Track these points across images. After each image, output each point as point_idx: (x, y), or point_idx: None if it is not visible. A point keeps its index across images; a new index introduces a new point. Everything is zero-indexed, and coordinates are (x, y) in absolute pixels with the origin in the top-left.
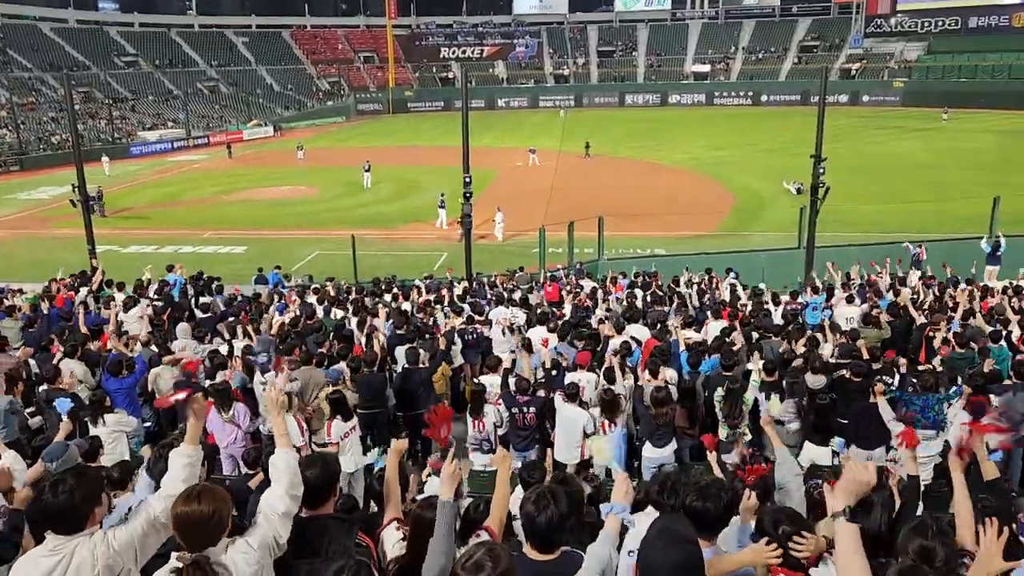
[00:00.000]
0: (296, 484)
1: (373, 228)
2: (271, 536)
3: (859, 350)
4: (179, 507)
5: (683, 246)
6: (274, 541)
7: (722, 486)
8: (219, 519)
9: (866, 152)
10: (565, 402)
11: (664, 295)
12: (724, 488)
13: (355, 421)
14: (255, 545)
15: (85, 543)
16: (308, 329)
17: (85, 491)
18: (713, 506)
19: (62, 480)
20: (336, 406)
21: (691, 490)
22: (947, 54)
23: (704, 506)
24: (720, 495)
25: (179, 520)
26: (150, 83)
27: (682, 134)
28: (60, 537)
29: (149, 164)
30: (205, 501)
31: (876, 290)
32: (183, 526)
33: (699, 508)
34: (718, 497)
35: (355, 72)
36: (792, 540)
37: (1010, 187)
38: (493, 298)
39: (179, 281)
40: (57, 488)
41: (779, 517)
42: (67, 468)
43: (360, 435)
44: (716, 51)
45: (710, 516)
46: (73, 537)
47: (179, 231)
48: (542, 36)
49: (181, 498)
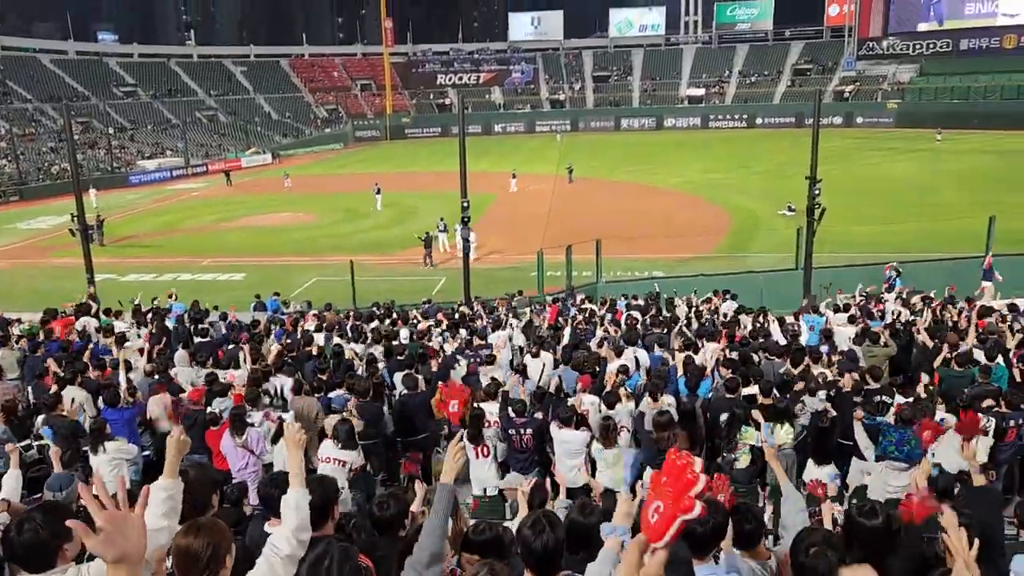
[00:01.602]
0: (305, 527)
1: (371, 254)
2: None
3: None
4: (179, 539)
5: (681, 268)
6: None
7: (714, 506)
8: (216, 555)
9: (861, 174)
10: (560, 428)
11: (665, 318)
12: (716, 508)
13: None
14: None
15: None
16: (305, 355)
17: (53, 528)
18: (701, 528)
19: (29, 518)
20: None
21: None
22: (939, 76)
23: (692, 527)
24: (709, 516)
25: (177, 553)
26: (149, 112)
27: (678, 157)
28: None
29: (148, 193)
30: (205, 535)
31: (869, 312)
32: (180, 559)
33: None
34: (706, 519)
35: (352, 99)
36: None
37: (1005, 206)
38: (491, 323)
39: (177, 308)
40: (23, 526)
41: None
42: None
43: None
44: (710, 75)
45: (702, 535)
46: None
47: (178, 259)
48: (538, 62)
49: (182, 530)
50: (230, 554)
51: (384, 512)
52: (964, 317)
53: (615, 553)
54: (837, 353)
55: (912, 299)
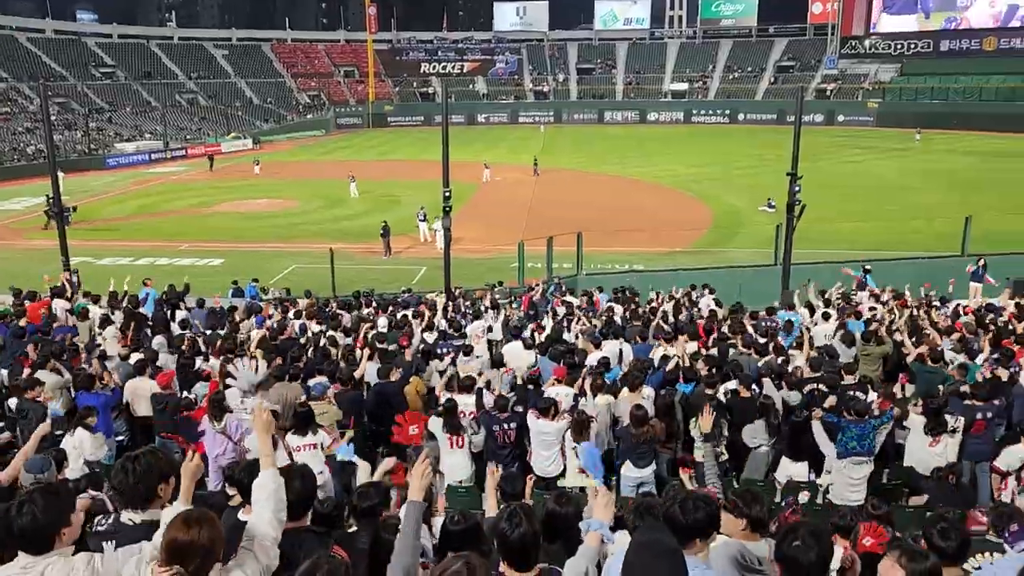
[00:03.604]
0: (282, 508)
1: (352, 242)
2: (265, 564)
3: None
4: (175, 532)
5: (661, 262)
6: (267, 569)
7: (706, 499)
8: (214, 547)
9: (842, 171)
10: (538, 419)
11: (644, 312)
12: (708, 501)
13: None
14: (250, 573)
15: (58, 564)
16: (286, 343)
17: (52, 511)
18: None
19: (30, 499)
20: (300, 419)
21: (674, 502)
22: (920, 76)
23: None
24: (703, 506)
25: (173, 545)
26: (128, 94)
27: (661, 151)
28: (30, 557)
29: (126, 176)
30: (204, 528)
31: (853, 310)
32: (177, 552)
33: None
34: (698, 508)
35: (335, 86)
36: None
37: (982, 206)
38: (471, 313)
39: (152, 295)
40: (23, 507)
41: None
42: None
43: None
44: (694, 70)
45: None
46: (43, 557)
47: (156, 243)
48: (522, 53)
49: (178, 522)
50: (223, 547)
51: (365, 502)
52: (943, 316)
53: (595, 549)
54: (815, 349)
55: (884, 297)
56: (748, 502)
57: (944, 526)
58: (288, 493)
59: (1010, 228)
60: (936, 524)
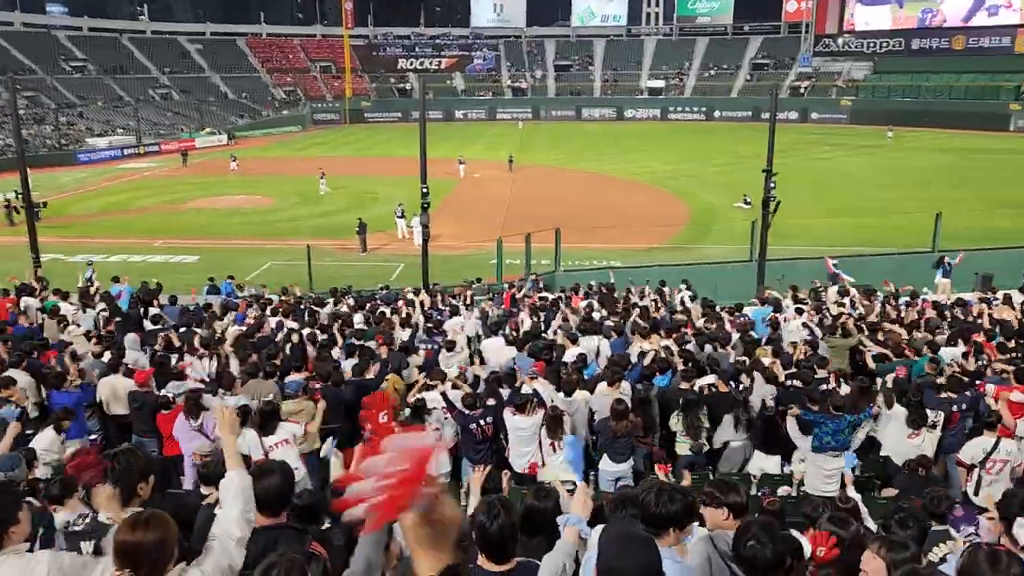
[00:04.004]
0: (250, 508)
1: (328, 238)
2: (226, 564)
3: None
4: (123, 534)
5: (638, 258)
6: (229, 569)
7: (682, 490)
8: (164, 548)
9: (816, 168)
10: (514, 415)
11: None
12: (683, 492)
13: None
14: (208, 572)
15: (10, 561)
16: (262, 341)
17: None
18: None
19: None
20: (263, 417)
21: (650, 494)
22: (892, 74)
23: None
24: (678, 498)
25: (122, 548)
26: (99, 89)
27: (638, 148)
28: None
29: (98, 171)
30: (152, 529)
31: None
32: (126, 555)
33: (657, 512)
34: (673, 500)
35: (311, 81)
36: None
37: (952, 203)
38: (448, 309)
39: (127, 291)
40: None
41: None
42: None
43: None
44: (670, 67)
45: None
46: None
47: (129, 240)
48: (500, 49)
49: (126, 524)
50: (176, 547)
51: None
52: (913, 311)
53: (573, 544)
54: (790, 344)
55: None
56: (724, 491)
57: (903, 516)
58: (265, 489)
59: (980, 224)
60: (895, 515)
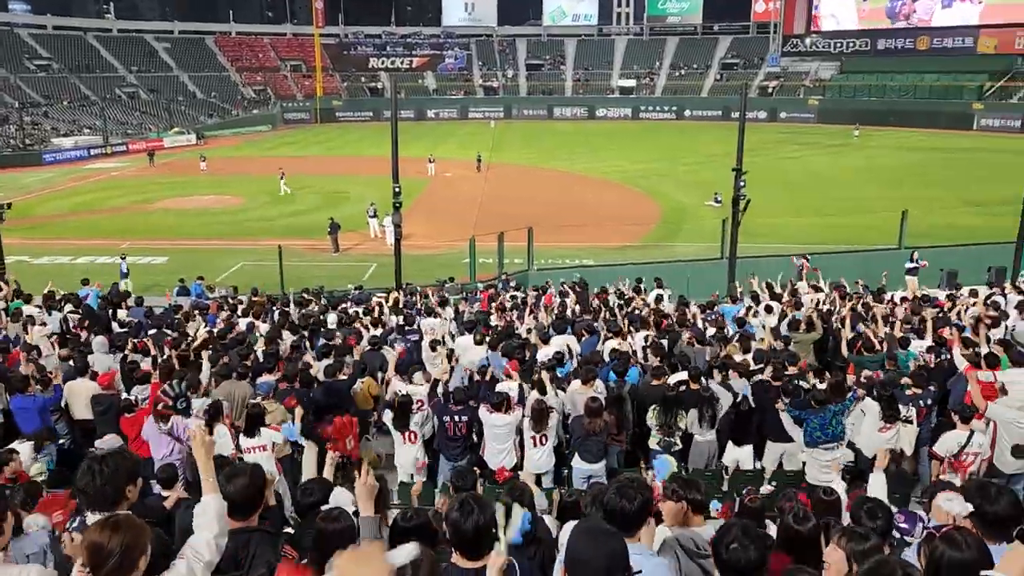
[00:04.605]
0: (224, 533)
1: (300, 238)
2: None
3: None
4: (91, 535)
5: (611, 257)
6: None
7: (639, 485)
8: (129, 554)
9: (785, 167)
10: (490, 413)
11: (593, 306)
12: (641, 487)
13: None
14: None
15: None
16: (232, 342)
17: None
18: (629, 504)
19: None
20: (249, 420)
21: (610, 488)
22: (858, 74)
23: (621, 504)
24: (637, 494)
25: (87, 548)
26: (65, 88)
27: (609, 147)
28: None
29: (64, 172)
30: (119, 533)
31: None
32: (91, 555)
33: (616, 505)
34: (634, 496)
35: (282, 80)
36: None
37: (918, 201)
38: (423, 309)
39: (94, 294)
40: None
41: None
42: None
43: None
44: (641, 66)
45: (627, 513)
46: None
47: (96, 241)
48: (471, 48)
49: (96, 525)
50: (145, 555)
51: (307, 498)
52: (885, 307)
53: None
54: (760, 340)
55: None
56: (685, 487)
57: (871, 506)
58: (234, 491)
59: (945, 222)
60: (863, 506)
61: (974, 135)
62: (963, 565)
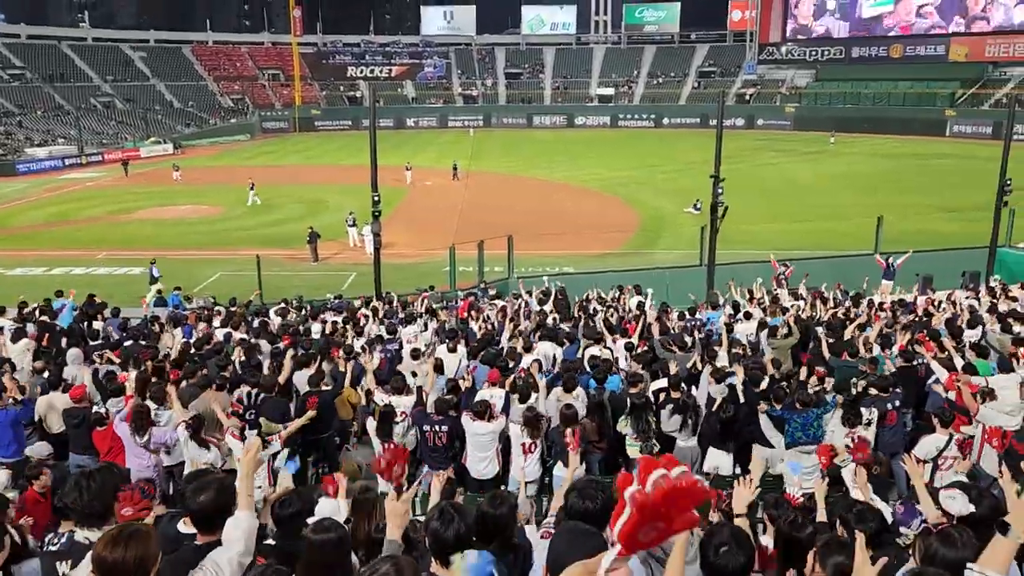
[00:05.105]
0: (249, 552)
1: (279, 248)
2: None
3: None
4: (100, 550)
5: (591, 264)
6: None
7: (600, 486)
8: (144, 566)
9: (763, 174)
10: (473, 420)
11: (575, 314)
12: (602, 487)
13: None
14: None
15: None
16: (210, 352)
17: None
18: (593, 504)
19: None
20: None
21: (571, 491)
22: (833, 82)
23: (585, 505)
24: (597, 494)
25: (100, 565)
26: (39, 97)
27: (588, 155)
28: None
29: (39, 182)
30: (132, 546)
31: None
32: (104, 572)
33: (580, 507)
34: (595, 496)
35: (260, 89)
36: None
37: (893, 207)
38: (404, 317)
39: (69, 305)
40: None
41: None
42: None
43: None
44: (620, 75)
45: (592, 513)
46: None
47: (71, 252)
48: (450, 57)
49: (106, 539)
50: (157, 563)
51: (285, 510)
52: (862, 312)
53: None
54: (739, 345)
55: (800, 291)
56: None
57: (861, 508)
58: (204, 504)
59: (919, 227)
60: (851, 509)
61: (947, 141)
62: (957, 564)
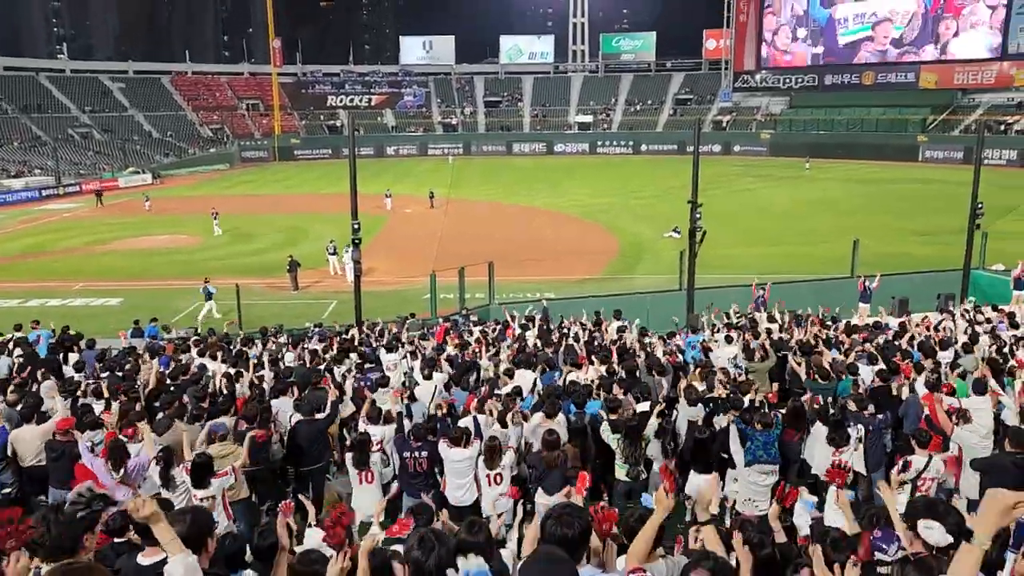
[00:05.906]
0: None
1: (259, 277)
2: None
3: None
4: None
5: (571, 290)
6: None
7: (576, 512)
8: None
9: (740, 200)
10: (450, 447)
11: (555, 340)
12: (578, 514)
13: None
14: None
15: None
16: (186, 383)
17: None
18: (571, 530)
19: None
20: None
21: (549, 518)
22: (807, 108)
23: (563, 531)
24: (575, 521)
25: None
26: (15, 128)
27: (567, 181)
28: None
29: (14, 213)
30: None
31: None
32: None
33: (558, 534)
34: (572, 522)
35: (239, 119)
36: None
37: (869, 231)
38: (383, 345)
39: (45, 336)
40: None
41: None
42: None
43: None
44: (598, 102)
45: (570, 539)
46: None
47: (46, 283)
48: (430, 86)
49: (54, 573)
50: None
51: (265, 540)
52: (841, 334)
53: None
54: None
55: (776, 313)
56: (639, 521)
57: (835, 536)
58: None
59: (895, 251)
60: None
61: (920, 166)
62: None
